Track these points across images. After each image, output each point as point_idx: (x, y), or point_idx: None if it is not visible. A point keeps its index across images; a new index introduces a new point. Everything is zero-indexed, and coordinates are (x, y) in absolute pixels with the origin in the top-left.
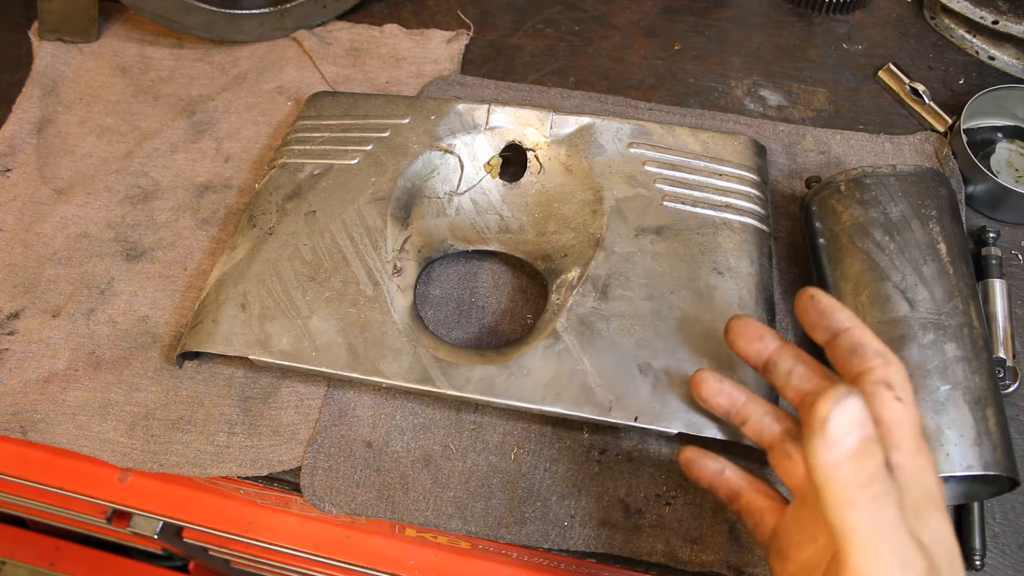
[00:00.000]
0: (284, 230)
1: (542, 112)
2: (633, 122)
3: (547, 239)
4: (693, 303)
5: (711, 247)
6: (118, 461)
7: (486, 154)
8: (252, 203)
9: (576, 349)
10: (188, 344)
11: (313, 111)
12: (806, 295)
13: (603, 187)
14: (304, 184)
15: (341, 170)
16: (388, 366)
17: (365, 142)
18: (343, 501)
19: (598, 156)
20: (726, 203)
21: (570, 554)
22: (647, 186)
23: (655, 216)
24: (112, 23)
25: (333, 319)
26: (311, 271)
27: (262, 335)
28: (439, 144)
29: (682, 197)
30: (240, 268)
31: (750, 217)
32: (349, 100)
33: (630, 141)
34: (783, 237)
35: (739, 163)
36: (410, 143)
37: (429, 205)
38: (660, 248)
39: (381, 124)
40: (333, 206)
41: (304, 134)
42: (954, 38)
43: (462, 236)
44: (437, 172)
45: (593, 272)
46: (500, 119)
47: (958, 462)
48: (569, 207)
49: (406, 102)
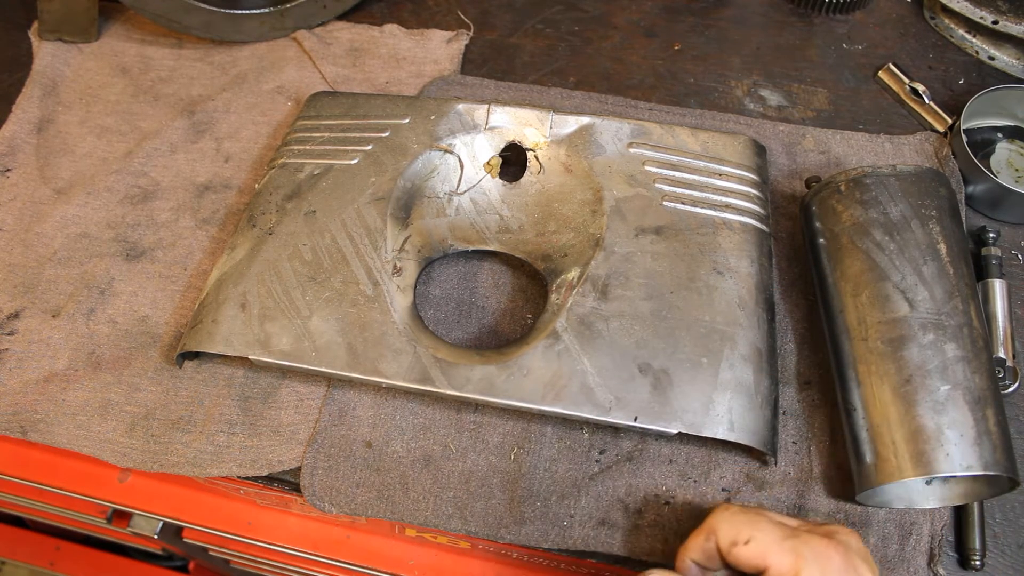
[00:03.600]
0: (284, 230)
1: (542, 112)
2: (633, 122)
3: (547, 239)
4: (693, 303)
5: (711, 247)
6: (118, 461)
7: (486, 154)
8: (252, 203)
9: (576, 349)
10: (188, 344)
11: (313, 111)
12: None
13: (603, 187)
14: (304, 184)
15: (341, 170)
16: (388, 366)
17: (365, 142)
18: (343, 501)
19: (598, 156)
20: (726, 203)
21: (570, 554)
22: (647, 186)
23: (655, 216)
24: (112, 23)
25: (333, 319)
26: (311, 271)
27: (262, 335)
28: (439, 144)
29: (682, 197)
30: (240, 268)
31: (750, 217)
32: (349, 100)
33: (630, 141)
34: (783, 237)
35: (739, 163)
36: (410, 143)
37: (429, 205)
38: (660, 248)
39: (381, 124)
40: (333, 206)
41: (304, 134)
42: (954, 38)
43: (462, 236)
44: (437, 172)
45: (593, 272)
46: (500, 119)
47: (958, 462)
48: (569, 207)
49: (406, 102)
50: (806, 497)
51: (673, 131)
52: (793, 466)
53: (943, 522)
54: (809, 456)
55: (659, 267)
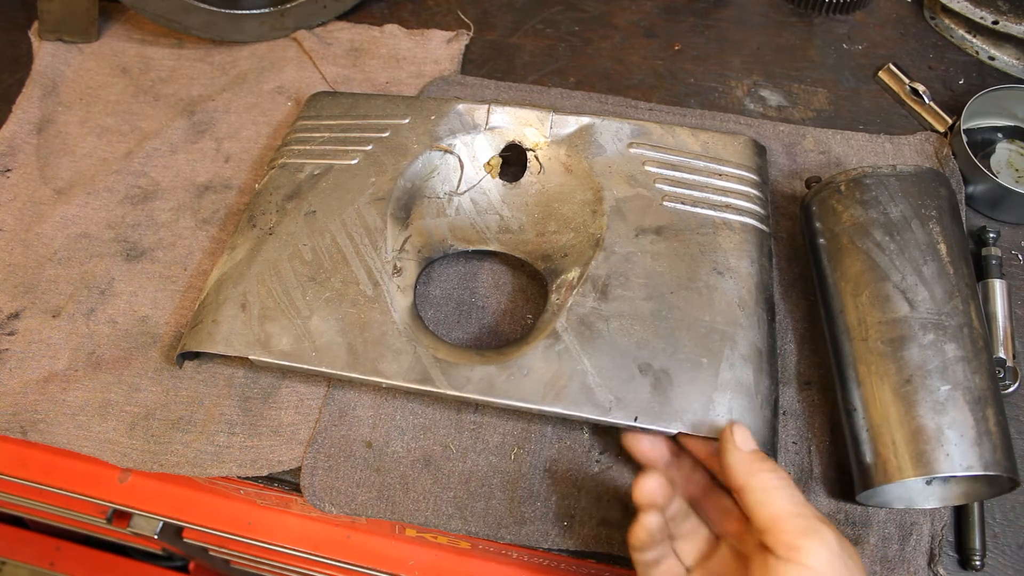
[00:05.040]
0: (284, 230)
1: (542, 112)
2: (633, 122)
3: (547, 239)
4: (693, 303)
5: (711, 247)
6: (118, 461)
7: (486, 154)
8: (252, 203)
9: (576, 349)
10: (188, 344)
11: (313, 111)
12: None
13: (603, 187)
14: (304, 184)
15: (341, 170)
16: (388, 366)
17: (365, 142)
18: (343, 501)
19: (598, 156)
20: (726, 203)
21: (570, 554)
22: (647, 186)
23: (655, 216)
24: (112, 23)
25: (333, 319)
26: (311, 271)
27: (262, 335)
28: (439, 144)
29: (682, 197)
30: (240, 268)
31: (750, 217)
32: (349, 100)
33: (630, 141)
34: (783, 237)
35: (739, 163)
36: (410, 143)
37: (429, 205)
38: (660, 248)
39: (381, 124)
40: (333, 206)
41: (304, 134)
42: (954, 38)
43: (462, 236)
44: (437, 172)
45: (593, 272)
46: (500, 119)
47: (958, 462)
48: (569, 207)
49: (406, 102)
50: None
51: (673, 131)
52: (793, 466)
53: (943, 522)
54: (809, 456)
55: (659, 267)
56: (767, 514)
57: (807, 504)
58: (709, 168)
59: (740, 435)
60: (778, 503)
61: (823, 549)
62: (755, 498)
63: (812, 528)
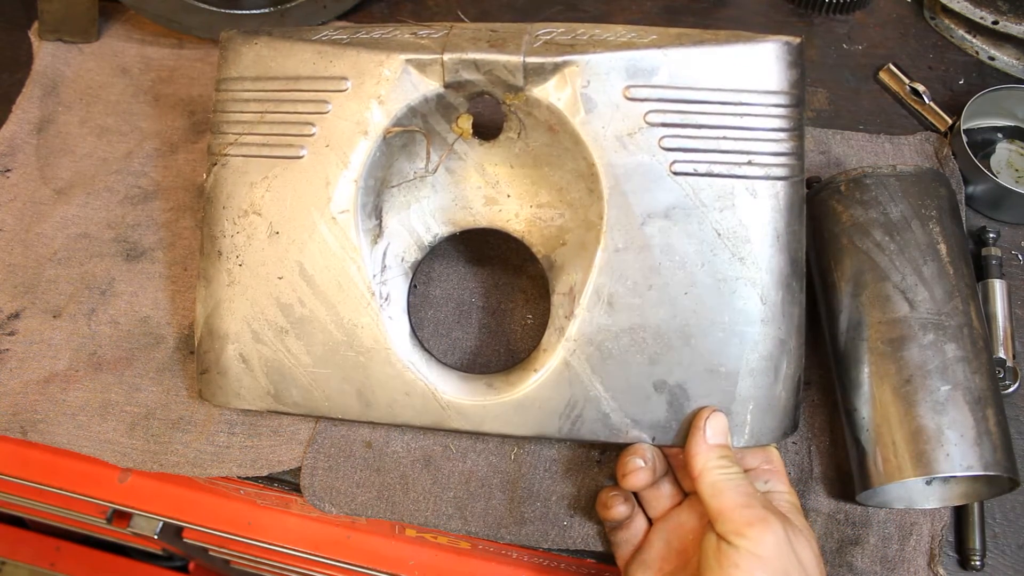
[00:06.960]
0: (253, 259)
1: (511, 56)
2: (628, 52)
3: (542, 215)
4: (710, 303)
5: (729, 229)
6: (118, 461)
7: (452, 114)
8: (207, 216)
9: (588, 374)
10: (204, 394)
11: (233, 68)
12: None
13: (597, 157)
14: (255, 191)
15: (289, 169)
16: (401, 411)
17: (307, 124)
18: (343, 501)
19: (589, 113)
20: (748, 158)
21: (570, 554)
22: (651, 150)
23: (663, 192)
24: (112, 23)
25: (333, 365)
26: (297, 315)
27: (270, 387)
28: (393, 128)
29: (694, 161)
30: (223, 309)
31: (778, 170)
32: (269, 50)
33: (627, 84)
34: None
35: (765, 89)
36: (360, 127)
37: (400, 194)
38: (671, 238)
39: (318, 95)
40: (295, 223)
41: (234, 109)
42: (954, 38)
43: (447, 217)
44: (401, 151)
45: (597, 281)
46: (460, 72)
47: (958, 462)
48: (560, 175)
49: (338, 54)
50: (806, 497)
51: (684, 54)
52: (793, 466)
53: (943, 522)
54: (809, 456)
55: (670, 263)
56: (717, 505)
57: (757, 495)
58: (727, 107)
59: (712, 427)
60: (728, 494)
61: (770, 537)
62: (707, 490)
63: (760, 517)
